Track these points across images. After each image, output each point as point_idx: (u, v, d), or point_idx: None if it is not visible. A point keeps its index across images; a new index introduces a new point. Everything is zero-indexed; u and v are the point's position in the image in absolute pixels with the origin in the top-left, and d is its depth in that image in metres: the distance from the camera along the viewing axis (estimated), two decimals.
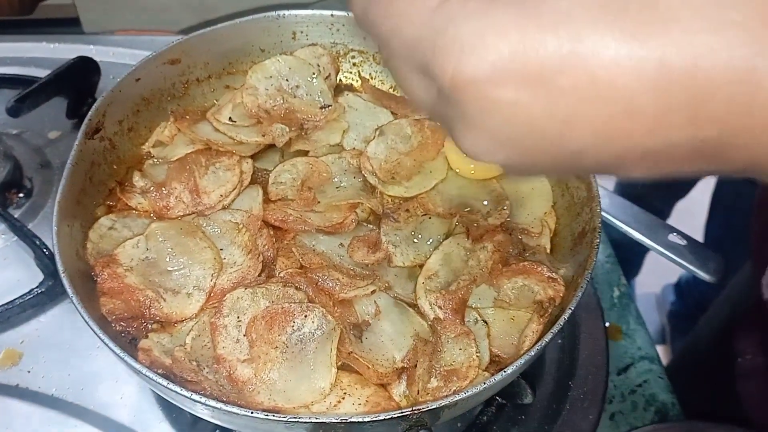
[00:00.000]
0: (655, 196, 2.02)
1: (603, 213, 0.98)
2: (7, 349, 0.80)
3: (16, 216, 0.89)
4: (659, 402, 0.95)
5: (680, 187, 2.05)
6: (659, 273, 2.47)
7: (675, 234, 0.95)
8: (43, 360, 0.79)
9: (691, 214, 2.00)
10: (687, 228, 0.96)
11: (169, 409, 0.76)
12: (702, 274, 0.93)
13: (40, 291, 0.82)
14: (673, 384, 0.97)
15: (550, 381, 0.82)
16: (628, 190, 2.02)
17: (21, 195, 0.92)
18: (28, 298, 0.81)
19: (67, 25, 1.26)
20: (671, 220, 1.57)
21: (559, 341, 0.86)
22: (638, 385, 0.96)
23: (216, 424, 0.72)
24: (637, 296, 2.49)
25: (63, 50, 1.09)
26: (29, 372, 0.78)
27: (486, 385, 0.58)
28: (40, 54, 1.09)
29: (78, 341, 0.80)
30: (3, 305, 0.80)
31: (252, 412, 0.55)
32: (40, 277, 0.84)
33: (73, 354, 0.80)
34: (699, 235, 2.00)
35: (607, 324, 1.02)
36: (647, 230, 0.95)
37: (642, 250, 2.31)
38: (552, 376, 0.83)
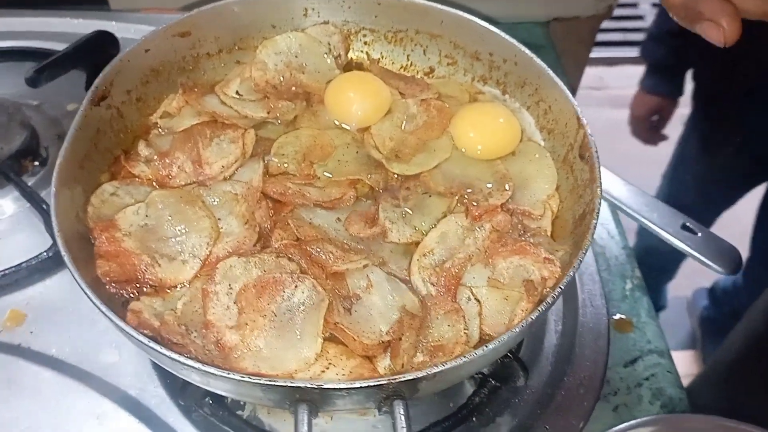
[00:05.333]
0: (700, 205, 1.97)
1: (617, 202, 0.96)
2: (12, 310, 0.82)
3: (30, 183, 0.92)
4: (666, 396, 0.92)
5: (725, 197, 1.99)
6: (691, 277, 2.40)
7: (689, 224, 0.93)
8: (46, 322, 0.82)
9: (738, 225, 1.93)
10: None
11: (164, 374, 0.78)
12: (716, 267, 0.90)
13: (47, 255, 0.84)
14: (706, 394, 0.94)
15: (546, 366, 0.81)
16: (673, 199, 1.96)
17: (36, 163, 0.95)
18: (35, 262, 0.83)
19: (96, 2, 1.29)
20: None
21: (559, 327, 0.85)
22: (645, 379, 0.94)
23: (206, 390, 0.73)
24: (668, 301, 2.41)
25: (86, 26, 1.11)
26: (32, 333, 0.81)
27: (465, 359, 0.57)
28: (63, 29, 1.11)
29: (81, 306, 0.82)
30: (10, 267, 0.83)
31: (229, 373, 0.56)
32: (50, 241, 0.86)
33: (76, 318, 0.82)
34: (746, 246, 1.93)
35: (617, 316, 1.00)
36: (660, 219, 0.93)
37: (678, 257, 2.24)
38: (549, 361, 0.82)
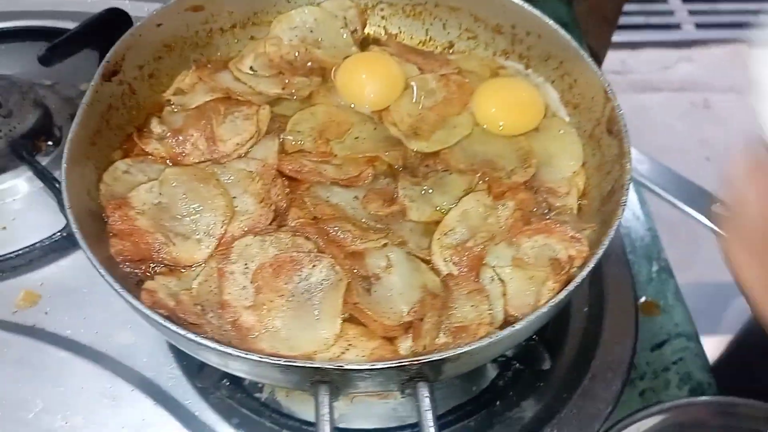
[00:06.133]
0: None
1: (642, 179, 0.93)
2: (26, 291, 0.81)
3: (44, 163, 0.90)
4: (694, 381, 0.90)
5: None
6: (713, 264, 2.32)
7: (719, 204, 0.89)
8: (61, 303, 0.81)
9: None
10: None
11: (180, 356, 0.76)
12: None
13: (62, 235, 0.83)
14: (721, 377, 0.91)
15: (573, 349, 0.79)
16: None
17: (50, 143, 0.93)
18: (49, 242, 0.82)
19: None
20: None
21: (585, 309, 0.82)
22: (673, 363, 0.92)
23: (224, 372, 0.72)
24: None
25: (99, 4, 1.09)
26: (46, 313, 0.80)
27: (491, 339, 0.55)
28: (77, 8, 1.09)
29: (96, 286, 0.81)
30: (25, 248, 0.82)
31: (247, 354, 0.54)
32: (64, 222, 0.84)
33: (91, 298, 0.81)
34: None
35: (643, 299, 0.97)
36: (688, 198, 0.90)
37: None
38: (575, 344, 0.79)
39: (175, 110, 0.79)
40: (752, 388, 1.05)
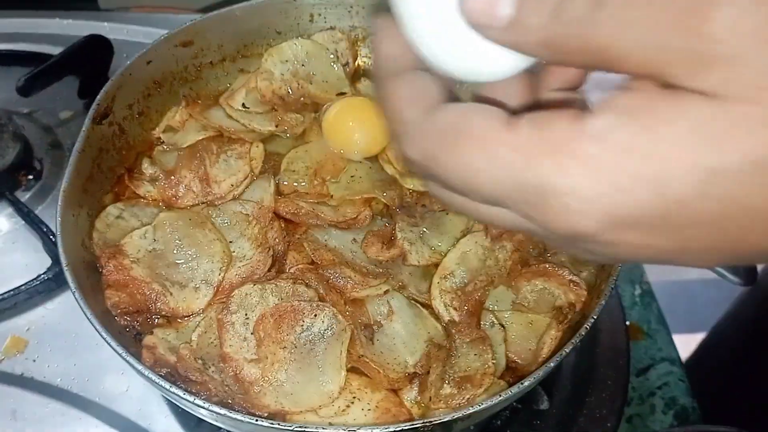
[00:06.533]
0: None
1: None
2: (13, 336, 0.79)
3: (25, 199, 0.88)
4: (679, 405, 0.92)
5: None
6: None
7: None
8: (49, 349, 0.78)
9: None
10: None
11: (174, 405, 0.75)
12: (730, 277, 0.89)
13: (47, 277, 0.80)
14: (690, 383, 0.93)
15: (567, 386, 0.80)
16: None
17: (30, 177, 0.90)
18: (35, 284, 0.79)
19: (84, 0, 1.23)
20: None
21: (578, 344, 0.83)
22: (658, 388, 0.93)
23: None
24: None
25: (76, 27, 1.06)
26: (34, 361, 0.77)
27: (501, 398, 0.55)
28: (53, 30, 1.06)
29: (85, 330, 0.77)
30: (10, 291, 0.79)
31: (256, 420, 0.53)
32: (48, 261, 0.82)
33: (80, 343, 0.78)
34: None
35: (627, 323, 0.99)
36: None
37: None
38: (569, 380, 0.80)
39: (167, 149, 0.78)
40: (724, 389, 1.08)
